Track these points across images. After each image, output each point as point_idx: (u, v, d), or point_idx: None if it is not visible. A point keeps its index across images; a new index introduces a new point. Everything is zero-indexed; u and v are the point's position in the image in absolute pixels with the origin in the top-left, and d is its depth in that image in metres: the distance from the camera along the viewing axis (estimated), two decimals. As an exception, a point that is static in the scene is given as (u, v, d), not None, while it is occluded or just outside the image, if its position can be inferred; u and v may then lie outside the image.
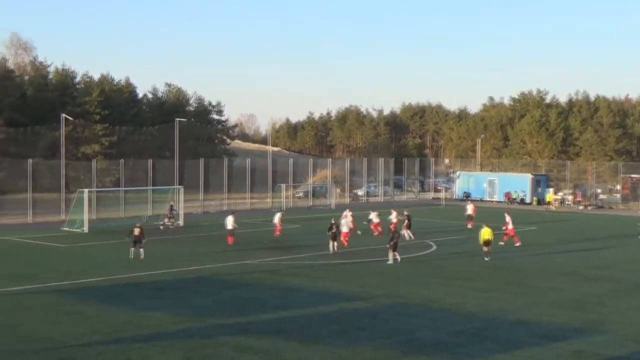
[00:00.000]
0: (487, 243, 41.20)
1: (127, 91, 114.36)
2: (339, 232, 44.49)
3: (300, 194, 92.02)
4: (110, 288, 31.82)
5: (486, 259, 40.53)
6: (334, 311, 27.59)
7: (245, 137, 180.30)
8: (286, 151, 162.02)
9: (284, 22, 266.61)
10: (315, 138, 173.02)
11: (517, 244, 46.89)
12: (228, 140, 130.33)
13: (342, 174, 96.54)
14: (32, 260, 40.82)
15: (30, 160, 66.35)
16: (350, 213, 50.76)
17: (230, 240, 47.03)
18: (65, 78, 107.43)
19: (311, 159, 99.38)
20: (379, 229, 52.23)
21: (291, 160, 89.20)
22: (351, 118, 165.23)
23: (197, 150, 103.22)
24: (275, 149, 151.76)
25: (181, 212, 60.12)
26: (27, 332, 23.78)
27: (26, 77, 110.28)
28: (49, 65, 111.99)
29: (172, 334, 23.78)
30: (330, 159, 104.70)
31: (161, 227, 55.63)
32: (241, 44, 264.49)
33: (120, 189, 70.51)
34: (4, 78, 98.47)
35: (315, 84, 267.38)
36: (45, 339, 22.96)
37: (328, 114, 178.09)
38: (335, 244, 43.50)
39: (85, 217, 55.11)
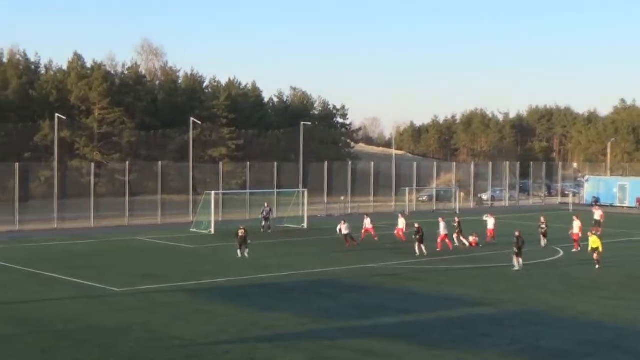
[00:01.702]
0: (595, 252, 40.07)
1: (253, 95, 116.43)
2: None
3: (424, 198, 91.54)
4: (236, 289, 32.55)
5: (596, 267, 39.32)
6: (457, 316, 27.42)
7: (369, 141, 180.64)
8: (410, 154, 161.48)
9: (407, 24, 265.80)
10: (439, 141, 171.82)
11: (574, 250, 45.98)
12: (352, 144, 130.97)
13: (467, 177, 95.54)
14: (163, 260, 42.13)
15: (160, 163, 68.35)
16: (458, 220, 50.43)
17: (354, 243, 47.69)
18: (194, 83, 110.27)
19: (435, 163, 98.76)
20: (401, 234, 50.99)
21: (415, 164, 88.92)
22: (476, 121, 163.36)
23: (322, 154, 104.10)
24: (399, 152, 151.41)
25: (305, 215, 60.80)
26: (158, 329, 24.62)
27: (157, 82, 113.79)
28: (179, 71, 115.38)
29: (295, 335, 24.16)
30: (455, 163, 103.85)
31: (269, 230, 55.98)
32: (365, 47, 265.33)
33: (246, 191, 71.85)
34: (136, 83, 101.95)
35: (441, 87, 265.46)
36: (175, 336, 23.71)
37: (453, 117, 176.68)
38: (423, 247, 43.74)
39: (212, 218, 56.45)
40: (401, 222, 51.60)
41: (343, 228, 48.96)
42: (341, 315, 27.21)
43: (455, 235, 48.39)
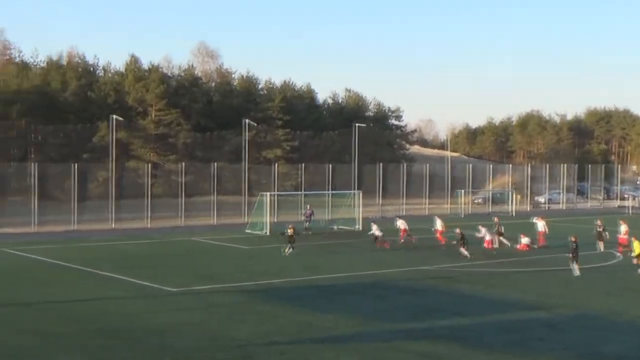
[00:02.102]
0: (638, 258, 39.40)
1: (307, 97, 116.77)
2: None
3: (479, 200, 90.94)
4: (291, 290, 32.73)
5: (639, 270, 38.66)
6: (511, 320, 27.24)
7: (423, 143, 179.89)
8: (465, 156, 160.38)
9: (462, 25, 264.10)
10: (495, 143, 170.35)
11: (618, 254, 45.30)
12: (406, 146, 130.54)
13: (522, 180, 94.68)
14: (218, 261, 42.53)
15: (215, 164, 68.94)
16: (499, 221, 50.10)
17: (384, 245, 47.89)
18: (249, 85, 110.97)
19: (490, 165, 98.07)
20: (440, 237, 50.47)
21: (470, 166, 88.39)
22: (532, 123, 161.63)
23: (376, 155, 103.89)
24: (454, 154, 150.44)
25: (359, 217, 60.82)
26: (215, 330, 24.86)
27: (212, 84, 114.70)
28: (234, 73, 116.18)
29: (349, 337, 24.22)
30: (510, 165, 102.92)
31: (309, 232, 55.88)
32: (420, 48, 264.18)
33: (300, 192, 72.10)
34: (192, 85, 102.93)
35: (496, 88, 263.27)
36: (231, 337, 23.93)
37: (508, 118, 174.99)
38: (465, 249, 43.55)
39: (267, 219, 56.79)
40: (439, 224, 51.47)
41: (374, 229, 48.89)
42: (395, 317, 27.21)
43: (495, 237, 48.33)
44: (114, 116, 66.30)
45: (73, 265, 39.37)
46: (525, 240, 48.21)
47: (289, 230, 43.70)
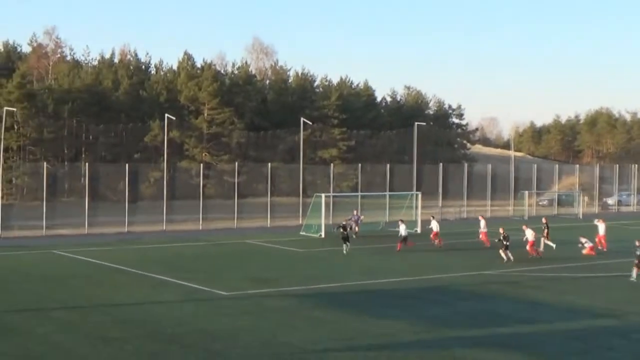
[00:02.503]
0: None
1: (365, 94, 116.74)
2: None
3: (545, 202, 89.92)
4: (346, 295, 32.65)
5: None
6: (579, 328, 26.80)
7: (486, 142, 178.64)
8: (530, 156, 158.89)
9: (527, 20, 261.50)
10: (561, 143, 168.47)
11: None
12: (468, 145, 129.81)
13: (590, 181, 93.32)
14: (272, 264, 42.64)
15: (269, 164, 69.20)
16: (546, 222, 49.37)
17: (408, 244, 48.05)
18: (305, 82, 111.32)
19: (557, 165, 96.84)
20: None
21: (535, 166, 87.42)
22: (601, 121, 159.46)
23: (436, 155, 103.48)
24: (518, 154, 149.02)
25: (418, 219, 60.55)
26: (267, 335, 24.89)
27: (267, 82, 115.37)
28: (289, 70, 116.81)
29: (407, 344, 24.05)
30: (578, 165, 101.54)
31: (354, 236, 55.22)
32: (482, 44, 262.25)
33: (357, 194, 71.98)
34: (246, 83, 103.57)
35: (563, 85, 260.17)
36: (284, 342, 23.94)
37: (576, 116, 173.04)
38: (509, 253, 42.98)
39: (322, 222, 56.81)
40: (482, 224, 51.55)
41: (401, 229, 48.52)
42: (456, 324, 26.96)
43: (542, 238, 47.81)
44: (167, 115, 66.96)
45: (125, 267, 39.82)
46: (587, 243, 47.38)
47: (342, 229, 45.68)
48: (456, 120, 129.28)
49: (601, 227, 49.59)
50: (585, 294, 33.45)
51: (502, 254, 43.15)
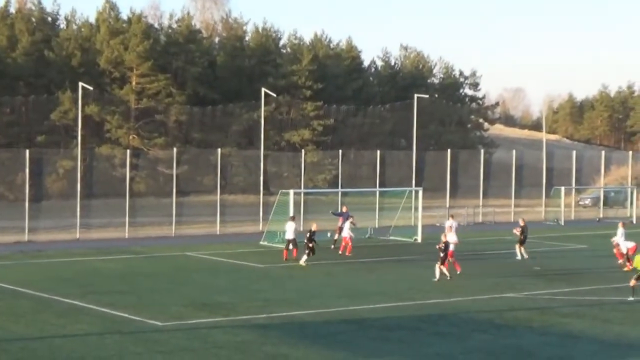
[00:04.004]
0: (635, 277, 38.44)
1: (348, 57, 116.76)
2: None
3: (587, 201, 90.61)
4: (323, 325, 32.72)
5: (629, 298, 38.18)
6: (631, 369, 27.20)
7: (509, 121, 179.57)
8: (568, 140, 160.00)
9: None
10: (609, 122, 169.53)
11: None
12: (486, 125, 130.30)
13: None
14: (223, 284, 42.65)
15: (219, 151, 69.05)
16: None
17: (285, 254, 49.29)
18: (267, 40, 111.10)
19: (603, 152, 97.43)
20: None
21: (574, 153, 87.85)
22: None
23: (442, 139, 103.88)
24: (553, 137, 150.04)
25: (419, 224, 60.75)
26: (215, 380, 25.00)
27: (216, 40, 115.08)
28: (246, 24, 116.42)
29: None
30: (631, 152, 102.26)
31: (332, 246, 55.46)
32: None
33: (337, 190, 72.03)
34: (188, 41, 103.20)
35: (612, 46, 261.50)
36: (237, 389, 24.05)
37: (629, 87, 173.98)
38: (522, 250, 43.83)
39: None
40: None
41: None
42: (468, 365, 27.24)
43: (517, 245, 48.99)
44: (81, 84, 66.67)
45: (28, 290, 39.57)
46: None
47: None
48: (470, 92, 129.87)
49: (619, 233, 50.14)
50: (639, 323, 33.76)
51: (516, 250, 43.86)
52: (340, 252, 52.26)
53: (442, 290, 40.84)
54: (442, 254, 43.27)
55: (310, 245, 47.46)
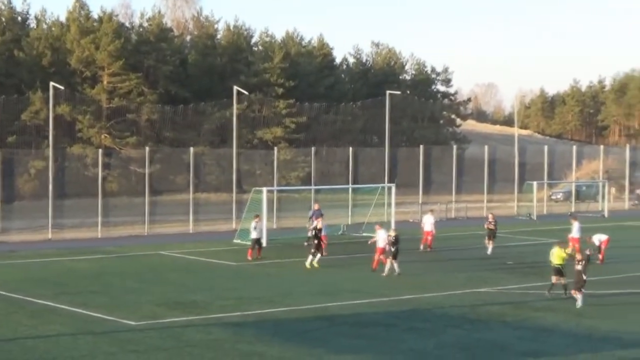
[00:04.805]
0: (558, 272, 37.87)
1: (320, 54, 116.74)
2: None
3: (559, 196, 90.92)
4: (296, 322, 32.75)
5: (547, 293, 37.85)
6: (604, 362, 27.32)
7: (481, 117, 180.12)
8: (539, 135, 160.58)
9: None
10: (580, 117, 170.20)
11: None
12: (458, 121, 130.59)
13: (619, 167, 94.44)
14: (196, 282, 42.59)
15: (192, 149, 68.94)
16: None
17: (250, 253, 49.16)
18: (238, 38, 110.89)
19: (575, 146, 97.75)
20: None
21: (546, 148, 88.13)
22: (633, 87, 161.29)
23: (415, 135, 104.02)
24: (524, 132, 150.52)
25: (392, 220, 60.80)
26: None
27: (187, 38, 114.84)
28: (217, 22, 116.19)
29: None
30: (602, 146, 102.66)
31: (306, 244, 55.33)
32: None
33: (311, 187, 72.01)
34: (160, 39, 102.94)
35: (583, 41, 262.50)
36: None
37: (600, 82, 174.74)
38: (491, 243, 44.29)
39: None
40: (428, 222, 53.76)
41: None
42: (442, 359, 27.31)
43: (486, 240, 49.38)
44: (52, 83, 66.36)
45: (-2, 291, 39.57)
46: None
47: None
48: (442, 88, 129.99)
49: (576, 228, 50.67)
50: (611, 317, 33.93)
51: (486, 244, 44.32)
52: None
53: (416, 286, 40.93)
54: (392, 248, 43.46)
55: (316, 242, 46.98)
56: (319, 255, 46.40)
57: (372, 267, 44.77)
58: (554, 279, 37.68)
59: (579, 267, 36.13)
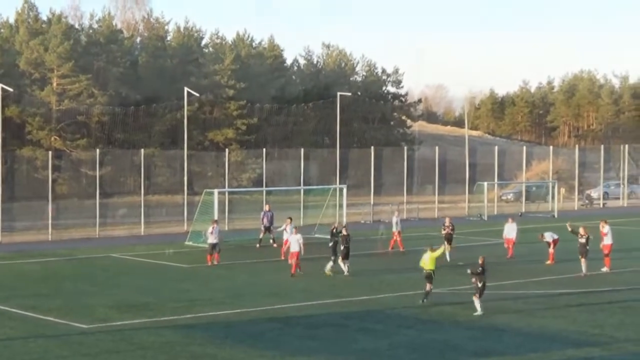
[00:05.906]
0: (429, 278, 37.14)
1: (270, 56, 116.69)
2: None
3: (509, 196, 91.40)
4: (249, 324, 32.73)
5: (421, 301, 37.18)
6: (554, 360, 27.52)
7: (432, 118, 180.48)
8: (490, 136, 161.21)
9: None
10: (530, 117, 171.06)
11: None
12: (409, 122, 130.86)
13: (568, 167, 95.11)
14: (148, 285, 42.47)
15: (142, 151, 68.69)
16: None
17: (209, 259, 48.65)
18: (189, 40, 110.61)
19: (524, 147, 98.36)
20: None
21: (496, 149, 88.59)
22: (582, 88, 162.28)
23: (366, 136, 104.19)
24: (475, 133, 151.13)
25: (344, 220, 60.93)
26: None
27: (137, 40, 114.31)
28: (167, 23, 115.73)
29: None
30: (552, 147, 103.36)
31: (274, 244, 55.40)
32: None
33: (262, 189, 71.99)
34: (110, 41, 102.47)
35: (532, 43, 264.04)
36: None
37: (549, 83, 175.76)
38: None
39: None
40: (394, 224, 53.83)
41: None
42: (394, 360, 27.38)
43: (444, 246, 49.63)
44: (1, 85, 65.85)
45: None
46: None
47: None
48: (392, 89, 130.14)
49: (510, 228, 51.29)
50: (561, 316, 34.17)
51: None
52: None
53: (368, 287, 41.05)
54: (342, 247, 43.70)
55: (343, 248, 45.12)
56: (332, 262, 45.04)
57: (291, 273, 44.32)
58: (427, 286, 36.90)
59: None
